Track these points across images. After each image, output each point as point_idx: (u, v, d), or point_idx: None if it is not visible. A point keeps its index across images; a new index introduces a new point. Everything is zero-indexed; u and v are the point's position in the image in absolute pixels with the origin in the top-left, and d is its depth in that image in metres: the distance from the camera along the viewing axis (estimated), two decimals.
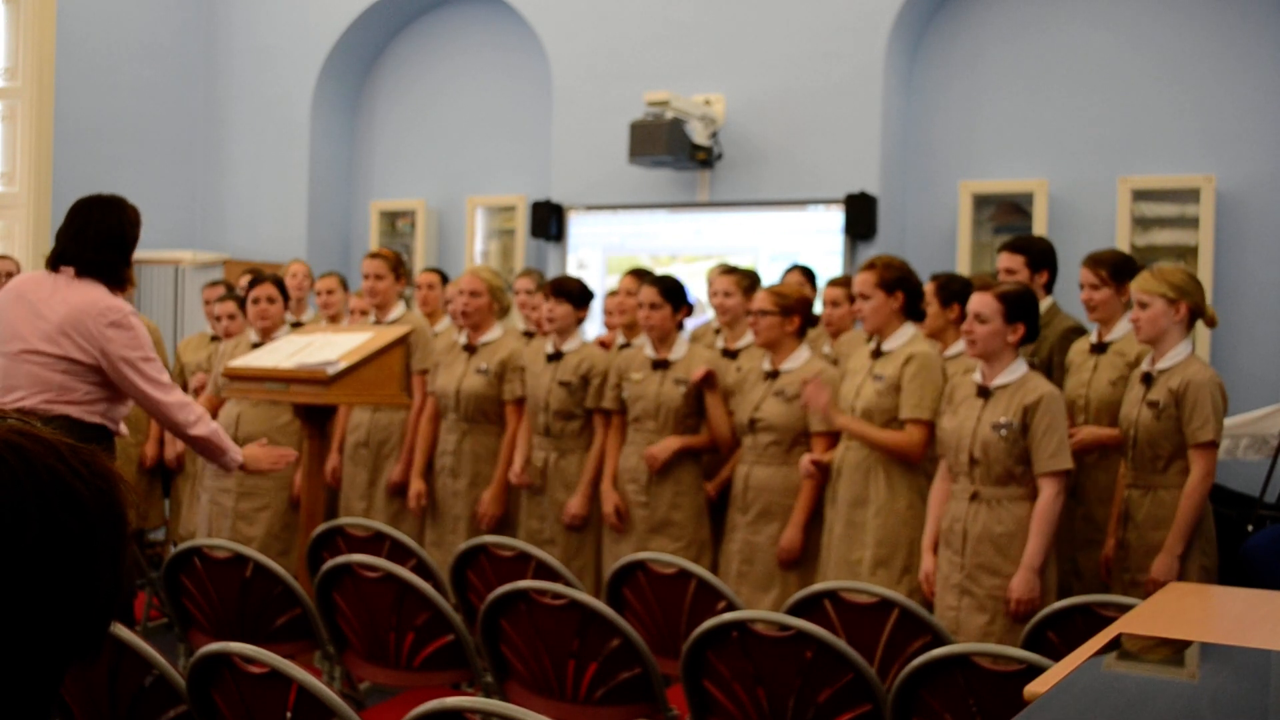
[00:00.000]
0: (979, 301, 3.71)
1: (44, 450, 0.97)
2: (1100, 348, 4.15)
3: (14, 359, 3.50)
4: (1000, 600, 3.62)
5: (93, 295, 3.51)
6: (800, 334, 4.39)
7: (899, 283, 4.13)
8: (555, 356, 4.80)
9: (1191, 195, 6.07)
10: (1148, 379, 3.78)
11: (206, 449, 3.67)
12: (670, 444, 4.52)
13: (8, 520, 0.93)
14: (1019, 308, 3.69)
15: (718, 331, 5.18)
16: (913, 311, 4.19)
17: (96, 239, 3.54)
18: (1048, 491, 3.59)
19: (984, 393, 3.72)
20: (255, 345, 5.22)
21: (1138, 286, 3.78)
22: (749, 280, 4.92)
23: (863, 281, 4.16)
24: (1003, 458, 3.63)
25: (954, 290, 4.35)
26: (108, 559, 1.00)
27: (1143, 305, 3.74)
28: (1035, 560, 3.55)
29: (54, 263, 3.57)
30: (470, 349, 5.03)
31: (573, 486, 4.77)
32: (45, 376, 3.48)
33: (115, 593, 1.02)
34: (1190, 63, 6.25)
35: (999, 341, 3.69)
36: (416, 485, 5.05)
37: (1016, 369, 3.72)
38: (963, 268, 6.40)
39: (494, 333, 5.05)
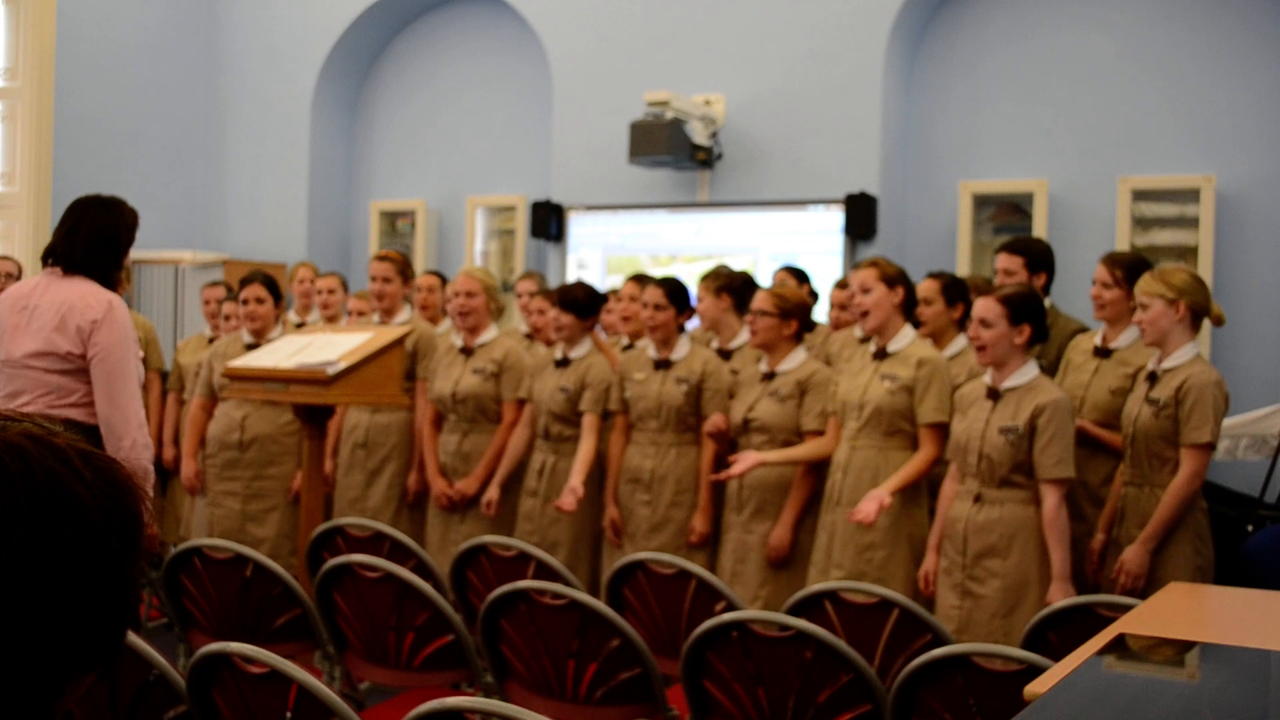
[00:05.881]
0: (982, 306, 3.69)
1: (47, 454, 0.96)
2: (1105, 352, 4.12)
3: (17, 365, 3.53)
4: (998, 600, 3.62)
5: (81, 290, 3.52)
6: (797, 338, 4.41)
7: (900, 278, 4.16)
8: (563, 363, 4.82)
9: (1191, 195, 6.07)
10: (1152, 378, 3.78)
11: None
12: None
13: None
14: (1023, 309, 3.68)
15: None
16: (908, 313, 4.22)
17: (88, 238, 3.54)
18: (1052, 500, 3.58)
19: (993, 395, 3.72)
20: (249, 346, 5.21)
21: (1139, 289, 3.77)
22: (719, 281, 4.91)
23: (866, 275, 4.16)
24: (1007, 460, 3.63)
25: (958, 290, 4.40)
26: (111, 568, 0.98)
27: (1144, 307, 3.74)
28: (1064, 569, 3.56)
29: (45, 259, 3.60)
30: (467, 351, 5.02)
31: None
32: (44, 379, 3.50)
33: (123, 602, 1.00)
34: (1190, 63, 6.25)
35: (1006, 345, 3.68)
36: (437, 485, 5.00)
37: (1027, 371, 3.71)
38: (963, 268, 6.40)
39: (490, 334, 5.04)
